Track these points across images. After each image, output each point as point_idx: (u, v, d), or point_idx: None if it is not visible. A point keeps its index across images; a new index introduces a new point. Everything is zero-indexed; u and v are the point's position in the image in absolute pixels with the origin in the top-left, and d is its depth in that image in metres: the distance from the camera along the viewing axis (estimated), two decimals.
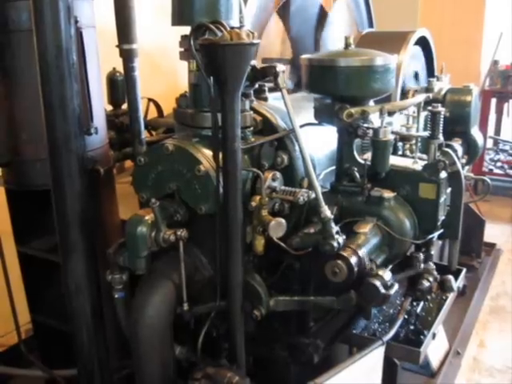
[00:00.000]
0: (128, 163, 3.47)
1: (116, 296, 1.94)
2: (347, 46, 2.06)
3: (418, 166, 2.09)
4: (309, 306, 2.04)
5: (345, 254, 1.82)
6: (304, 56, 2.12)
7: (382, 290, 1.81)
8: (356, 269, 1.82)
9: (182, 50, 1.94)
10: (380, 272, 1.85)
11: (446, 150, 2.21)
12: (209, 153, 1.85)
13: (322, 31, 3.26)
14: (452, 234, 2.24)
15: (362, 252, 1.86)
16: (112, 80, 3.14)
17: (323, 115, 2.12)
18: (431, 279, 2.24)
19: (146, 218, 1.77)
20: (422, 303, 2.47)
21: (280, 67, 1.87)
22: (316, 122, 2.16)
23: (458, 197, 2.19)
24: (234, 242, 1.80)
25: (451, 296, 2.50)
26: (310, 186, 1.91)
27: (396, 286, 1.87)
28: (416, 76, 3.37)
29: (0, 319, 2.89)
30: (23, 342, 2.63)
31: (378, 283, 1.81)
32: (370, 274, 1.84)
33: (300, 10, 3.11)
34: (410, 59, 3.13)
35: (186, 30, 1.83)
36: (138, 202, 2.10)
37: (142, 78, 2.69)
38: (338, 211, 2.02)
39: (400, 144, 2.40)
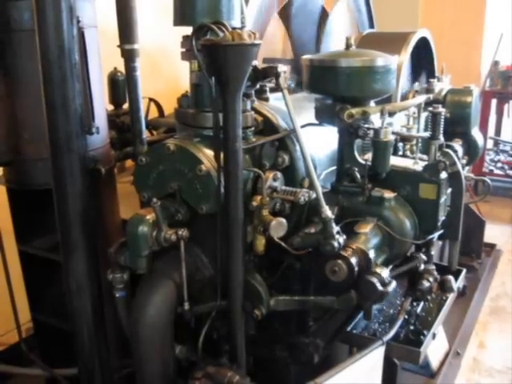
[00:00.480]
0: (129, 163, 3.48)
1: (117, 295, 1.94)
2: (348, 46, 2.07)
3: (419, 166, 2.10)
4: (309, 306, 2.04)
5: (345, 253, 1.83)
6: (305, 56, 2.13)
7: (380, 287, 1.82)
8: (356, 268, 1.83)
9: (184, 50, 1.94)
10: (377, 269, 1.86)
11: (447, 150, 2.22)
12: (210, 153, 1.85)
13: (323, 32, 3.26)
14: (452, 234, 2.25)
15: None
16: (113, 80, 3.15)
17: (324, 115, 2.12)
18: (431, 279, 2.25)
19: (147, 217, 1.77)
20: (422, 303, 2.47)
21: (281, 67, 1.88)
22: (317, 122, 2.17)
23: (459, 197, 2.20)
24: (235, 242, 1.81)
25: (451, 296, 2.51)
26: (311, 186, 1.91)
27: (394, 283, 1.87)
28: None
29: (1, 318, 2.89)
30: (24, 341, 2.64)
31: (375, 280, 1.82)
32: (368, 272, 1.85)
33: (301, 11, 3.11)
34: None
35: (188, 30, 1.84)
36: (138, 202, 2.10)
37: (143, 77, 2.70)
38: (338, 211, 2.03)
39: (400, 144, 2.41)
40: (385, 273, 1.85)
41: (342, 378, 1.92)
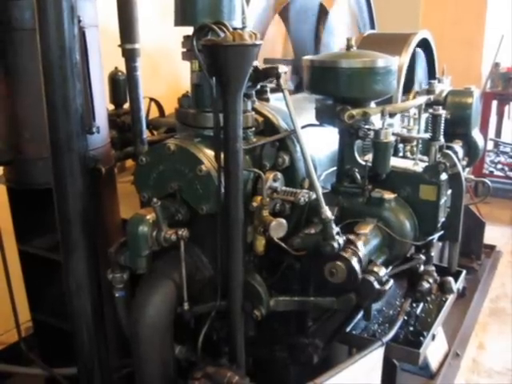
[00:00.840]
0: (129, 162, 3.48)
1: (117, 295, 1.94)
2: (349, 47, 2.07)
3: (419, 167, 2.10)
4: (309, 307, 2.04)
5: (345, 255, 1.83)
6: (306, 57, 2.13)
7: (377, 286, 1.82)
8: (357, 268, 1.83)
9: (185, 50, 1.94)
10: (375, 268, 1.86)
11: (447, 151, 2.22)
12: (210, 153, 1.85)
13: (322, 29, 3.24)
14: (452, 235, 2.24)
15: (362, 253, 1.87)
16: (114, 79, 3.15)
17: (324, 116, 2.12)
18: (431, 281, 2.25)
19: (148, 217, 1.77)
20: (421, 304, 2.47)
21: (282, 68, 1.88)
22: (317, 122, 2.17)
23: (459, 198, 2.20)
24: (235, 242, 1.81)
25: (451, 298, 2.50)
26: (311, 187, 1.91)
27: (391, 282, 1.87)
28: None
29: (0, 317, 2.89)
30: (23, 340, 2.64)
31: (372, 279, 1.82)
32: (365, 271, 1.85)
33: (300, 11, 3.11)
34: None
35: (189, 30, 1.84)
36: (139, 202, 2.10)
37: (144, 77, 2.70)
38: (338, 212, 2.03)
39: (401, 145, 2.41)
40: (382, 271, 1.86)
41: (342, 379, 1.92)
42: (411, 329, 2.36)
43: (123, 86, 3.04)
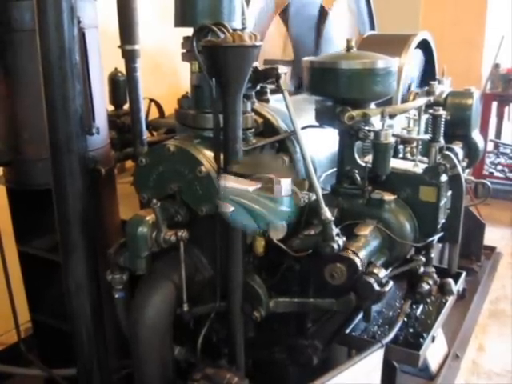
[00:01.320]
0: (129, 163, 3.47)
1: (116, 296, 1.94)
2: (349, 48, 2.07)
3: (419, 168, 2.10)
4: (308, 308, 2.04)
5: (345, 255, 1.83)
6: (306, 58, 2.13)
7: (377, 288, 1.82)
8: (360, 269, 1.83)
9: (184, 51, 1.94)
10: (375, 270, 1.86)
11: (447, 153, 2.22)
12: (210, 154, 1.85)
13: (322, 30, 3.25)
14: (452, 237, 2.24)
15: (362, 254, 1.87)
16: (114, 80, 3.15)
17: (324, 117, 2.12)
18: (431, 282, 2.25)
19: (147, 218, 1.77)
20: (421, 306, 2.47)
21: (282, 69, 1.88)
22: (317, 124, 2.17)
23: (459, 200, 2.20)
24: (235, 243, 1.81)
25: (451, 299, 2.50)
26: (311, 188, 1.91)
27: (391, 284, 1.87)
28: None
29: (0, 318, 2.89)
30: (23, 341, 2.64)
31: (372, 280, 1.82)
32: (365, 272, 1.85)
33: (300, 11, 3.10)
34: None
35: (189, 31, 1.84)
36: (138, 203, 2.10)
37: (144, 78, 2.70)
38: (338, 213, 2.03)
39: (401, 147, 2.41)
40: (382, 273, 1.86)
41: (341, 380, 1.92)
42: (411, 330, 2.36)
43: (123, 87, 3.03)
